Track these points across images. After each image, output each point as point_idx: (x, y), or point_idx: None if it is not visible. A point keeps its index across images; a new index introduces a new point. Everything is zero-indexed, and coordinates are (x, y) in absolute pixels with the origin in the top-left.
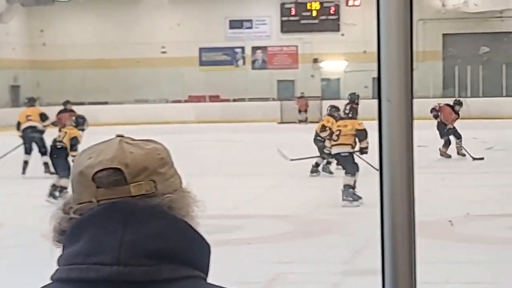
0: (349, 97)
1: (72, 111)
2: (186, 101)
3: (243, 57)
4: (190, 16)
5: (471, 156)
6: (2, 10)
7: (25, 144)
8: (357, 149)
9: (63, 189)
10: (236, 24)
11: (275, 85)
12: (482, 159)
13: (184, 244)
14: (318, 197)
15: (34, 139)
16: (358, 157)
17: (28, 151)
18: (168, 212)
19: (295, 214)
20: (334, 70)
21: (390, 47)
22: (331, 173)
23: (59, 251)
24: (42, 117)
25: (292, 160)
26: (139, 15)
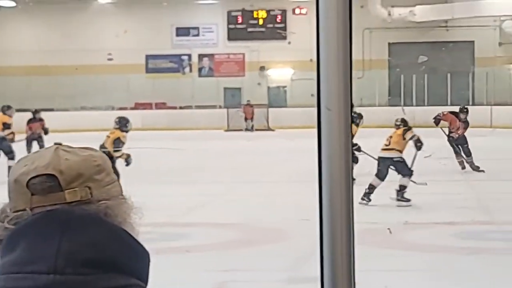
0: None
1: (42, 120)
2: (132, 109)
3: (189, 65)
4: (137, 23)
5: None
6: None
7: None
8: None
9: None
10: (183, 32)
11: (222, 92)
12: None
13: (121, 252)
14: (266, 205)
15: None
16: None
17: None
18: (105, 220)
19: (242, 222)
20: (281, 78)
21: (329, 56)
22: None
23: None
24: (4, 125)
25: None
26: (86, 22)
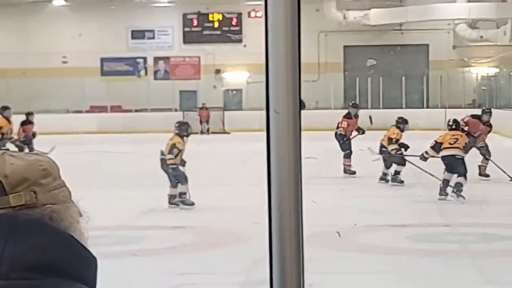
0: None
1: (33, 122)
2: (87, 112)
3: (145, 68)
4: (92, 26)
5: (508, 176)
6: None
7: None
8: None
9: (181, 194)
10: (138, 35)
11: (178, 95)
12: None
13: (66, 257)
14: (220, 208)
15: None
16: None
17: None
18: (50, 225)
19: (197, 225)
20: (237, 81)
21: (277, 59)
22: (402, 182)
23: None
24: None
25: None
26: (40, 24)
